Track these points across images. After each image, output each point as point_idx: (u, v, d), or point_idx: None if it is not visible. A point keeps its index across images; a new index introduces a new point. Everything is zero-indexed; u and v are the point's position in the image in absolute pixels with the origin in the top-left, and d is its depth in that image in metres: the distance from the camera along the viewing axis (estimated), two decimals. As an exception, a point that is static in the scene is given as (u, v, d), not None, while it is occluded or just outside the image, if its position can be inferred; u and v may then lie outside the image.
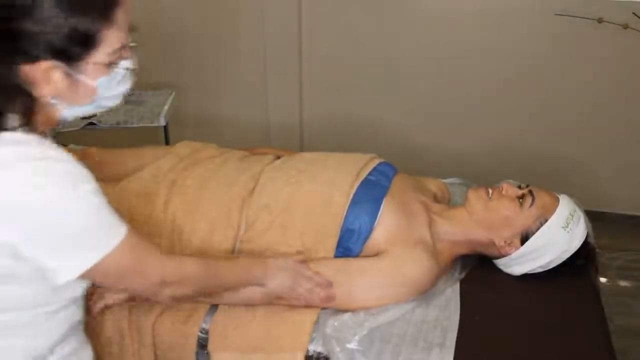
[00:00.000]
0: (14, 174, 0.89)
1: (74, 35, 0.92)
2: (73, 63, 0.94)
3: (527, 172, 2.30)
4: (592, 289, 1.53)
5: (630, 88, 2.30)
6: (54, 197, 0.91)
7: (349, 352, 1.28)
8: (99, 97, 1.01)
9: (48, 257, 0.94)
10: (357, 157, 1.59)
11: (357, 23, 2.45)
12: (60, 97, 0.97)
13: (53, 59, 0.92)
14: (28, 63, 0.91)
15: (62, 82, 0.94)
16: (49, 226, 0.92)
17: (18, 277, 0.96)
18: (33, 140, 0.93)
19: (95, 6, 0.94)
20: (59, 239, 0.94)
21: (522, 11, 2.29)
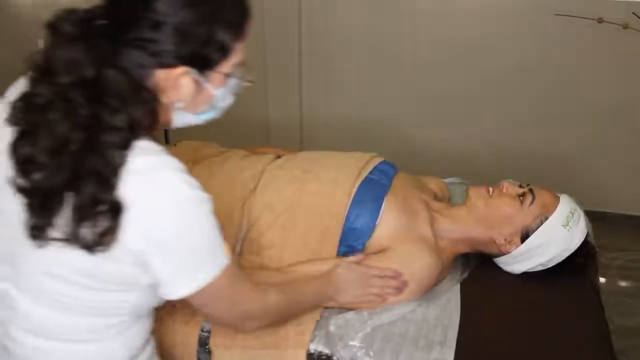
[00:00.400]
0: (156, 182, 0.91)
1: (214, 44, 0.94)
2: (204, 71, 0.96)
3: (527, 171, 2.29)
4: (592, 289, 1.54)
5: (630, 88, 2.30)
6: (186, 210, 0.94)
7: (352, 350, 1.28)
8: (215, 107, 1.04)
9: (169, 270, 0.97)
10: (358, 156, 1.59)
11: (357, 23, 2.45)
12: (182, 104, 0.98)
13: (188, 66, 0.93)
14: (164, 68, 0.93)
15: (189, 89, 0.96)
16: (177, 240, 0.94)
17: (139, 286, 0.99)
18: (161, 148, 0.95)
19: (235, 18, 0.96)
20: (183, 253, 0.96)
21: (522, 11, 2.29)
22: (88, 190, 0.87)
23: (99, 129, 0.88)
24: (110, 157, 0.88)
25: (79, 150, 0.87)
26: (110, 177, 0.88)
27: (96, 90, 0.88)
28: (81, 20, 0.92)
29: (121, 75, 0.90)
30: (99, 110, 0.88)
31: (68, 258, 0.93)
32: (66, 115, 0.87)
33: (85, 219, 0.88)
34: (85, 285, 0.97)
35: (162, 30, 0.90)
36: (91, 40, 0.89)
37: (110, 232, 0.89)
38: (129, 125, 0.90)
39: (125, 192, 0.89)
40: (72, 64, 0.88)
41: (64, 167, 0.87)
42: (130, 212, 0.89)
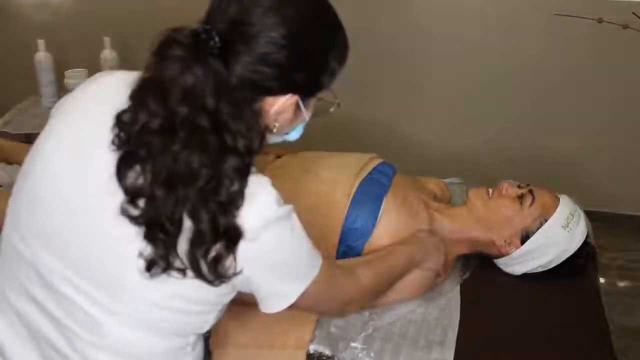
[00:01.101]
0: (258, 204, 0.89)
1: (327, 73, 0.94)
2: (309, 98, 0.96)
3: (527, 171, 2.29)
4: (592, 289, 1.54)
5: (630, 88, 2.30)
6: (283, 227, 0.94)
7: (354, 351, 1.28)
8: (297, 129, 1.03)
9: (272, 287, 0.98)
10: (358, 156, 1.59)
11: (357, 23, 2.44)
12: (278, 127, 0.97)
13: (297, 93, 0.93)
14: (273, 95, 0.91)
15: (290, 114, 0.95)
16: (280, 258, 0.95)
17: (223, 305, 1.01)
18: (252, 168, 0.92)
19: (343, 46, 0.97)
20: (286, 269, 0.97)
21: (522, 11, 2.29)
22: (208, 218, 0.84)
23: (223, 156, 0.85)
24: (235, 184, 0.85)
25: (206, 184, 0.83)
26: (234, 204, 0.86)
27: (217, 117, 0.84)
28: (193, 42, 0.86)
29: (235, 101, 0.86)
30: (224, 137, 0.84)
31: (170, 285, 0.91)
32: (198, 146, 0.83)
33: (202, 245, 0.85)
34: (177, 309, 0.95)
35: (278, 57, 0.88)
36: (206, 64, 0.85)
37: (222, 259, 0.86)
38: (248, 151, 0.87)
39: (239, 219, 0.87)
40: (191, 91, 0.83)
41: (186, 200, 0.83)
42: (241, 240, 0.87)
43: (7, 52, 2.75)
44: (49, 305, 0.96)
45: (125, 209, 0.85)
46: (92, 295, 0.93)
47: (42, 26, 2.67)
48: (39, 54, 2.38)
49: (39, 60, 2.37)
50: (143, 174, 0.84)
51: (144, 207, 0.85)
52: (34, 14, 2.72)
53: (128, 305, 0.93)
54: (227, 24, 0.88)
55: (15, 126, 2.23)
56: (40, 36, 2.41)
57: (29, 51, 2.40)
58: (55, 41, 2.45)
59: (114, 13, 2.63)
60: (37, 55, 2.38)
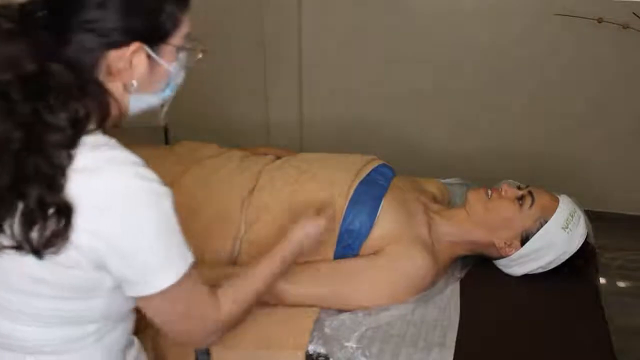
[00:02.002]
0: (104, 178, 0.87)
1: (165, 15, 0.91)
2: (157, 45, 0.93)
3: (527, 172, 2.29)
4: (592, 289, 1.53)
5: (629, 88, 2.30)
6: (137, 205, 0.89)
7: (348, 351, 1.28)
8: (170, 84, 1.00)
9: (127, 270, 0.92)
10: (356, 158, 1.59)
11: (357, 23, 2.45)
12: (138, 85, 0.94)
13: (140, 41, 0.90)
14: (115, 48, 0.89)
15: (143, 67, 0.92)
16: (130, 238, 0.89)
17: (103, 290, 0.95)
18: (111, 142, 0.91)
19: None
20: (140, 252, 0.91)
21: (522, 11, 2.29)
22: (34, 194, 0.83)
23: (40, 129, 0.84)
24: (55, 157, 0.84)
25: (20, 151, 0.83)
26: (55, 178, 0.84)
27: (38, 87, 0.84)
28: (18, 15, 0.87)
29: (66, 68, 0.86)
30: (39, 109, 0.84)
31: (26, 269, 0.90)
32: (6, 113, 0.84)
33: (34, 223, 0.84)
34: (49, 295, 0.93)
35: (109, 7, 0.87)
36: (31, 34, 0.85)
37: (60, 234, 0.85)
38: (73, 123, 0.86)
39: (72, 192, 0.85)
40: (11, 60, 0.84)
41: (5, 169, 0.84)
42: (79, 212, 0.85)
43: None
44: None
45: None
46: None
47: None
48: (38, 54, 2.37)
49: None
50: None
51: None
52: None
53: (2, 297, 0.94)
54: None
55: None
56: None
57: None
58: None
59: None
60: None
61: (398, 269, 1.41)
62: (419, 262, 1.42)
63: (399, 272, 1.41)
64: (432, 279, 1.46)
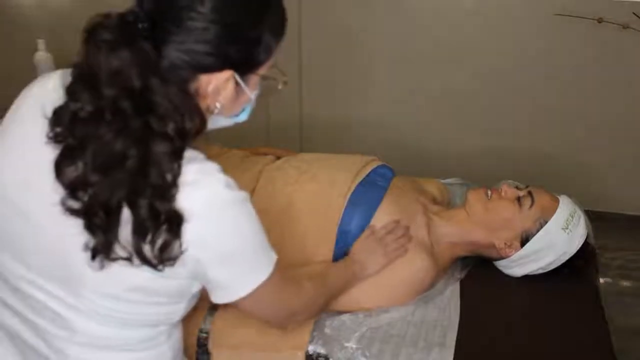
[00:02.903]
0: (203, 190, 0.89)
1: (262, 46, 0.92)
2: (247, 74, 0.94)
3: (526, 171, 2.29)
4: (592, 289, 1.53)
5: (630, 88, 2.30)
6: (233, 213, 0.93)
7: (348, 351, 1.28)
8: (246, 110, 1.01)
9: (226, 275, 0.96)
10: (356, 158, 1.59)
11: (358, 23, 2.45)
12: (220, 108, 0.95)
13: (233, 69, 0.91)
14: (208, 72, 0.90)
15: (230, 93, 0.93)
16: (231, 244, 0.94)
17: (189, 295, 0.99)
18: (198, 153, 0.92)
19: (278, 19, 0.95)
20: (238, 256, 0.95)
21: (522, 11, 2.29)
22: (146, 204, 0.84)
23: (152, 141, 0.84)
24: (167, 168, 0.85)
25: (135, 166, 0.84)
26: (168, 188, 0.85)
27: (146, 101, 0.84)
28: (120, 25, 0.86)
29: (165, 82, 0.86)
30: (150, 122, 0.84)
31: (125, 277, 0.91)
32: (119, 129, 0.83)
33: (146, 233, 0.85)
34: (138, 301, 0.95)
35: (208, 33, 0.86)
36: (134, 47, 0.84)
37: (170, 245, 0.86)
38: (180, 134, 0.86)
39: (179, 204, 0.86)
40: (117, 74, 0.83)
41: (121, 184, 0.84)
42: (185, 223, 0.87)
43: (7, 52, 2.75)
44: (20, 307, 0.98)
45: (65, 203, 0.86)
46: (56, 294, 0.95)
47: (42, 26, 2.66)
48: (39, 54, 2.38)
49: (39, 60, 2.37)
50: (80, 164, 0.85)
51: (83, 198, 0.85)
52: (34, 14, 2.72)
53: (90, 301, 0.94)
54: (154, 4, 0.88)
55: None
56: (40, 36, 2.41)
57: (29, 51, 2.40)
58: (55, 41, 2.45)
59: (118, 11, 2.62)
60: (37, 55, 2.38)
61: (398, 272, 1.41)
62: (418, 264, 1.42)
63: (398, 275, 1.41)
64: (431, 281, 1.46)
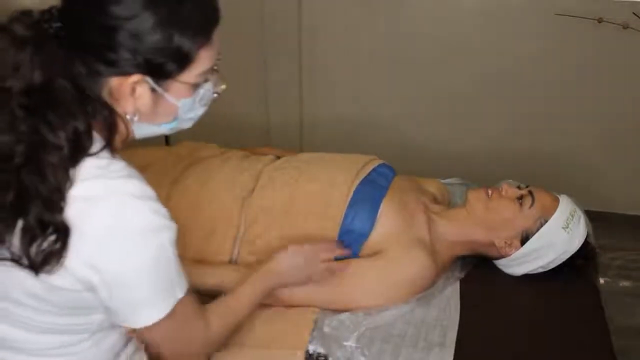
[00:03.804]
0: (105, 209, 0.87)
1: (173, 53, 0.88)
2: (162, 80, 0.90)
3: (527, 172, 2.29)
4: (592, 289, 1.54)
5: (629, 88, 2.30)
6: (132, 240, 0.88)
7: (347, 350, 1.28)
8: (178, 118, 0.97)
9: (116, 303, 0.92)
10: (357, 157, 1.59)
11: (357, 23, 2.45)
12: (141, 114, 0.92)
13: (143, 74, 0.88)
14: (118, 76, 0.88)
15: (147, 99, 0.91)
16: (122, 272, 0.90)
17: (100, 308, 0.95)
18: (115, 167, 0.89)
19: (198, 25, 0.90)
20: (129, 287, 0.91)
21: (522, 11, 2.29)
22: (34, 211, 0.83)
23: (39, 146, 0.83)
24: (51, 177, 0.83)
25: (22, 167, 0.83)
26: (53, 198, 0.83)
27: (41, 100, 0.83)
28: (35, 23, 0.85)
29: (70, 84, 0.84)
30: (39, 126, 0.83)
31: (20, 281, 0.90)
32: (9, 125, 0.82)
33: (33, 240, 0.84)
34: (45, 310, 0.93)
35: (116, 36, 0.85)
36: (42, 44, 0.84)
37: (56, 254, 0.85)
38: (72, 142, 0.84)
39: (72, 217, 0.85)
40: (19, 69, 0.83)
41: (9, 185, 0.83)
42: (77, 238, 0.85)
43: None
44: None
45: None
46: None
47: None
48: (39, 54, 2.37)
49: (39, 61, 2.37)
50: None
51: None
52: (34, 14, 2.72)
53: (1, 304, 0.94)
54: (65, 3, 0.87)
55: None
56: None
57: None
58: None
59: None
60: (37, 55, 2.37)
61: (399, 271, 1.40)
62: (419, 263, 1.42)
63: (399, 274, 1.40)
64: (432, 279, 1.46)
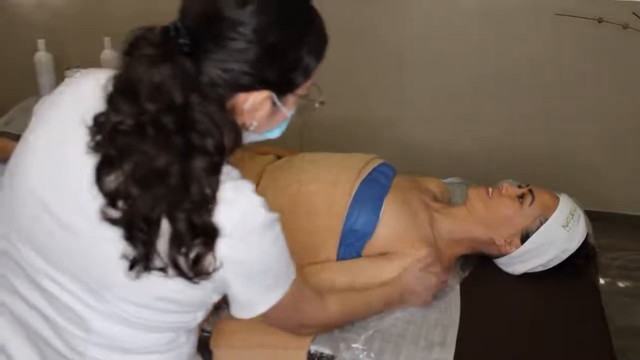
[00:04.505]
0: (239, 208, 0.90)
1: (301, 69, 0.92)
2: (284, 94, 0.94)
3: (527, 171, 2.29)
4: (592, 289, 1.54)
5: (629, 88, 2.30)
6: (264, 235, 0.93)
7: (355, 352, 1.28)
8: (280, 127, 1.01)
9: (247, 293, 0.98)
10: (358, 157, 1.59)
11: (357, 23, 2.45)
12: (257, 126, 0.96)
13: (271, 89, 0.91)
14: (245, 91, 0.90)
15: (266, 112, 0.93)
16: (258, 264, 0.95)
17: (209, 304, 1.01)
18: (232, 171, 0.93)
19: (319, 41, 0.96)
20: (261, 276, 0.97)
21: (522, 11, 2.29)
22: (184, 217, 0.84)
23: (192, 156, 0.84)
24: (206, 184, 0.85)
25: (177, 182, 0.84)
26: (207, 202, 0.86)
27: (185, 116, 0.84)
28: (162, 40, 0.86)
29: (204, 98, 0.86)
30: (191, 136, 0.84)
31: (154, 287, 0.92)
32: (161, 144, 0.83)
33: (182, 245, 0.86)
34: (163, 309, 0.96)
35: (248, 53, 0.87)
36: (175, 62, 0.84)
37: (203, 257, 0.87)
38: (218, 150, 0.86)
39: (215, 219, 0.87)
40: (158, 89, 0.83)
41: (161, 199, 0.84)
42: (219, 239, 0.88)
43: (7, 52, 2.75)
44: (39, 303, 0.97)
45: (104, 212, 0.86)
46: (77, 294, 0.95)
47: (42, 26, 2.67)
48: (39, 54, 2.38)
49: (39, 60, 2.38)
50: (120, 175, 0.85)
51: (123, 208, 0.85)
52: (34, 14, 2.72)
53: (113, 305, 0.94)
54: (196, 20, 0.88)
55: (16, 126, 2.22)
56: (40, 36, 2.41)
57: (29, 51, 2.40)
58: (55, 41, 2.46)
59: (114, 13, 2.63)
60: (37, 55, 2.38)
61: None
62: None
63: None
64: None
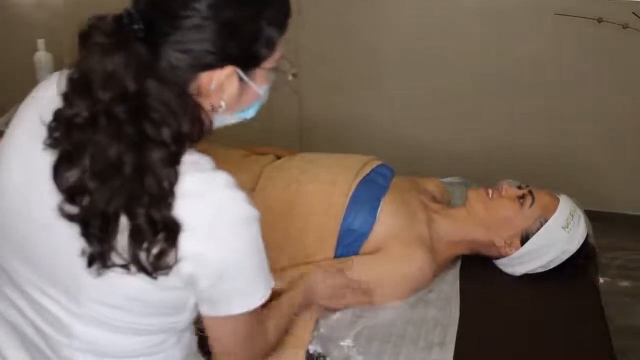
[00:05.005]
0: (209, 203, 0.87)
1: (263, 40, 0.89)
2: (250, 69, 0.91)
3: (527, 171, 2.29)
4: (592, 289, 1.54)
5: (629, 88, 2.30)
6: (238, 232, 0.90)
7: (344, 350, 1.28)
8: (254, 106, 0.98)
9: (215, 292, 0.92)
10: (356, 158, 1.59)
11: (358, 23, 2.45)
12: (226, 106, 0.93)
13: (235, 65, 0.89)
14: (208, 70, 0.87)
15: (235, 89, 0.91)
16: (228, 263, 0.90)
17: (188, 306, 0.96)
18: (206, 161, 0.90)
19: (280, 12, 0.92)
20: (232, 276, 0.92)
21: (522, 11, 2.29)
22: (144, 213, 0.82)
23: (147, 147, 0.82)
24: (163, 176, 0.83)
25: (132, 173, 0.82)
26: (165, 196, 0.83)
27: (140, 105, 0.82)
28: (114, 28, 0.84)
29: (163, 85, 0.84)
30: (144, 128, 0.82)
31: (124, 286, 0.89)
32: (114, 135, 0.81)
33: (143, 241, 0.83)
34: (139, 312, 0.93)
35: (206, 30, 0.85)
36: (129, 50, 0.82)
37: (165, 253, 0.84)
38: (175, 139, 0.83)
39: (179, 214, 0.84)
40: (111, 78, 0.81)
41: (118, 192, 0.82)
42: (184, 235, 0.85)
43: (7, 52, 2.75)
44: (26, 309, 0.96)
45: (62, 209, 0.84)
46: (56, 298, 0.93)
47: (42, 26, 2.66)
48: (39, 54, 2.38)
49: (39, 60, 2.37)
50: (76, 171, 0.82)
51: (79, 204, 0.83)
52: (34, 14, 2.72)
53: (89, 308, 0.92)
54: (149, 4, 0.86)
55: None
56: (40, 36, 2.41)
57: (29, 51, 2.40)
58: (55, 41, 2.45)
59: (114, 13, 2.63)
60: (37, 55, 2.38)
61: (400, 270, 1.41)
62: (419, 262, 1.43)
63: (401, 273, 1.41)
64: (431, 277, 1.47)
